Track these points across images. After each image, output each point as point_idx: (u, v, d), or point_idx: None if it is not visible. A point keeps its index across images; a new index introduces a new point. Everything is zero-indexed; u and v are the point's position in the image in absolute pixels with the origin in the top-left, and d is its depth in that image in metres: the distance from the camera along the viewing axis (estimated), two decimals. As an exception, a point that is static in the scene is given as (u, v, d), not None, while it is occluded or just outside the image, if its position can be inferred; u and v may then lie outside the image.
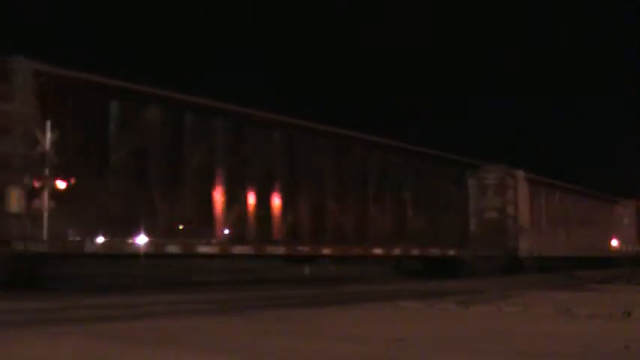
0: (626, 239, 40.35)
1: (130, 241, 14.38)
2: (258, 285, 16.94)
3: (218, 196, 16.10)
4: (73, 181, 13.63)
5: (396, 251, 21.35)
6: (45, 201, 13.03)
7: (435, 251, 22.78)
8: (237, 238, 16.52)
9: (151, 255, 14.85)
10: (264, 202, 17.23)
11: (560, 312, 9.15)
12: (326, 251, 18.91)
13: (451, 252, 23.42)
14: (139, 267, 15.71)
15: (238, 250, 16.64)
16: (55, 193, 13.19)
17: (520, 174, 27.45)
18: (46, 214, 13.00)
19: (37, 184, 13.03)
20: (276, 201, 17.58)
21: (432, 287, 15.88)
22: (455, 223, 24.18)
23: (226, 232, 16.39)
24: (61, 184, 13.35)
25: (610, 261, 36.81)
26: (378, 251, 20.60)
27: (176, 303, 10.77)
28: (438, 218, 23.26)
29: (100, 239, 13.85)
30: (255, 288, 15.82)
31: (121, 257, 15.02)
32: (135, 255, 14.57)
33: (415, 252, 21.93)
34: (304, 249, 18.24)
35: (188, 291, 14.06)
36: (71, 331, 6.83)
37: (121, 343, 5.99)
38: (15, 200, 12.74)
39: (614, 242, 39.90)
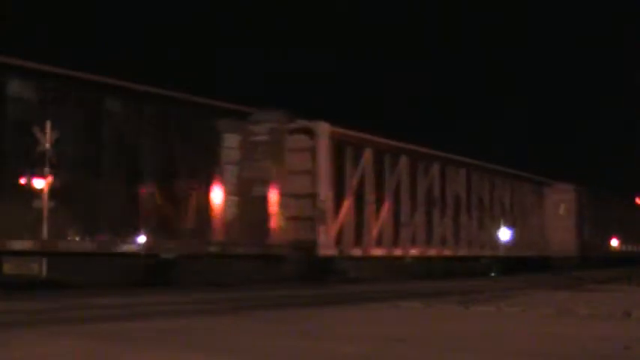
0: (563, 234, 30.22)
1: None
2: (257, 285, 16.89)
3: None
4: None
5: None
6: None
7: (87, 246, 13.45)
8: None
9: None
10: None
11: (561, 312, 9.15)
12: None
13: (125, 247, 14.03)
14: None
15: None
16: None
17: (323, 127, 17.18)
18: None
19: None
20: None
21: (432, 287, 15.86)
22: (189, 199, 15.38)
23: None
24: None
25: (540, 262, 27.98)
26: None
27: (175, 303, 10.75)
28: (133, 190, 14.42)
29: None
30: (255, 288, 15.78)
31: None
32: None
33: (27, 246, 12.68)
34: None
35: (187, 291, 14.02)
36: (70, 331, 6.81)
37: (120, 343, 5.98)
38: None
39: (614, 242, 34.93)
